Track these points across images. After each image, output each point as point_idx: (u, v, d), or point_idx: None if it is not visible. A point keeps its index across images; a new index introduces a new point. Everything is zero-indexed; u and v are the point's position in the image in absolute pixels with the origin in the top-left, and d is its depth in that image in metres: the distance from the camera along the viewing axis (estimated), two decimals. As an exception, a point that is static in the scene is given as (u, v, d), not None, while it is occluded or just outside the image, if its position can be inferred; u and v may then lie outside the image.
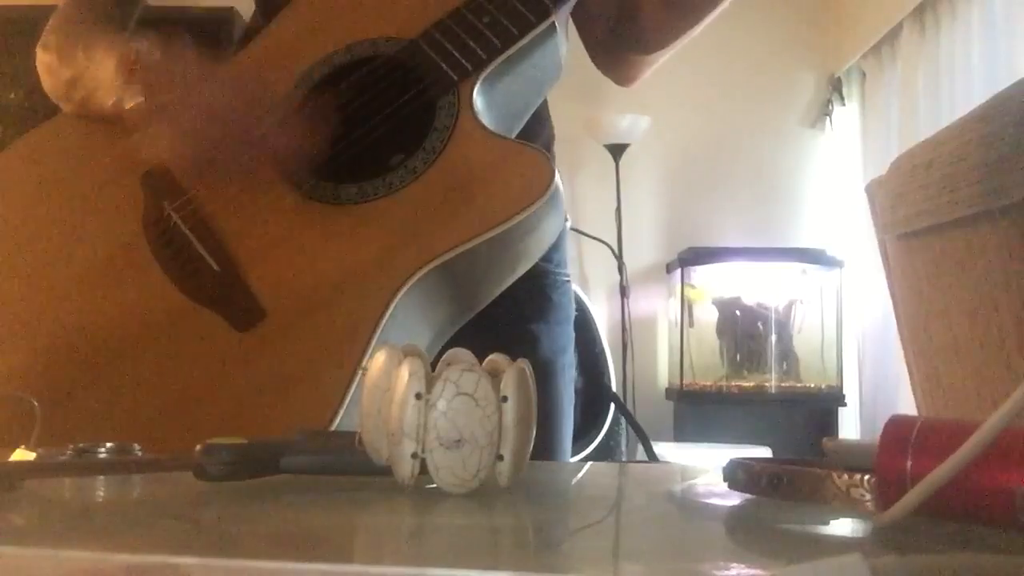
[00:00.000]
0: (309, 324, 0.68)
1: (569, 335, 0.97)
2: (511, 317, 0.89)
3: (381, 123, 0.76)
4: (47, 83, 0.84)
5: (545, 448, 0.90)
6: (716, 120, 3.53)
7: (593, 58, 0.98)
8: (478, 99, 0.74)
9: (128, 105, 0.75)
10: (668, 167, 3.61)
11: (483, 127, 0.73)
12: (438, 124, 0.73)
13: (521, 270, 0.76)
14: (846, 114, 3.46)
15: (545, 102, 0.95)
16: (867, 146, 3.26)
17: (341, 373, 0.64)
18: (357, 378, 0.63)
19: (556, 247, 0.95)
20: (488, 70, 0.74)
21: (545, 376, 0.92)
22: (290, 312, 0.69)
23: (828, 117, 3.54)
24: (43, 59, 0.85)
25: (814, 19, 3.57)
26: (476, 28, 0.75)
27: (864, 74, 3.35)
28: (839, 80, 3.51)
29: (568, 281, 0.98)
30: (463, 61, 0.74)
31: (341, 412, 0.63)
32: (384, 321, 0.65)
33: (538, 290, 0.93)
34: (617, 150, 3.35)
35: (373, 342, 0.65)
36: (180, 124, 0.73)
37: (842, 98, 3.48)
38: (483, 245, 0.68)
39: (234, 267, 0.71)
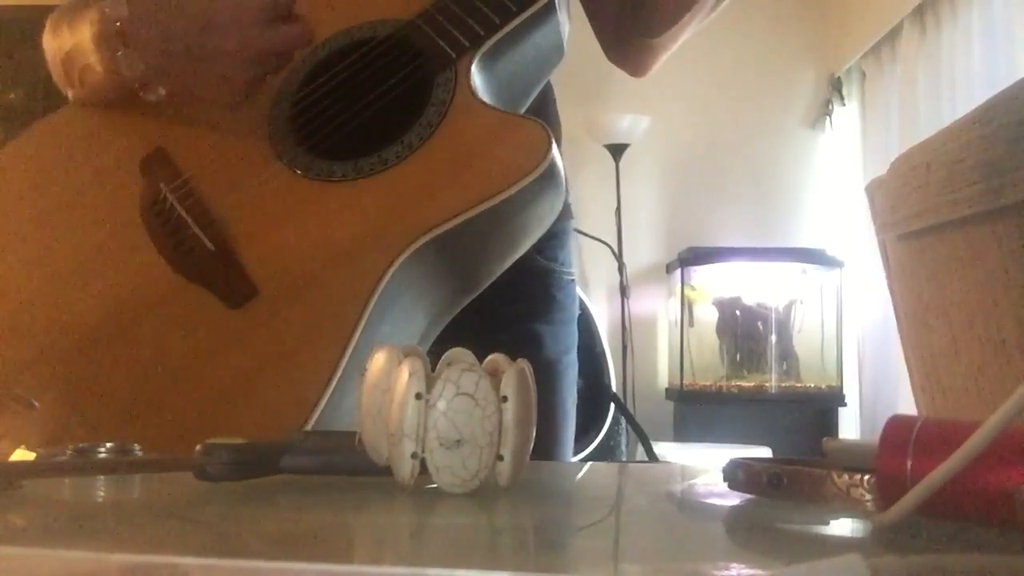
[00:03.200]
0: (300, 301, 0.68)
1: (573, 335, 0.96)
2: (515, 316, 0.89)
3: (377, 100, 0.75)
4: (51, 70, 0.84)
5: (547, 448, 0.90)
6: (716, 120, 3.53)
7: (605, 49, 0.97)
8: (476, 76, 0.73)
9: (125, 72, 0.73)
10: (668, 167, 3.61)
11: (480, 101, 0.72)
12: (435, 99, 0.72)
13: (521, 249, 0.75)
14: (846, 114, 3.46)
15: (554, 103, 0.95)
16: (867, 146, 3.27)
17: (330, 350, 0.63)
18: (347, 356, 0.63)
19: (561, 246, 0.95)
20: (486, 47, 0.74)
21: (549, 376, 0.91)
22: (282, 289, 0.68)
23: (828, 117, 3.55)
24: (44, 46, 0.84)
25: (814, 19, 3.57)
26: (473, 5, 0.75)
27: (864, 74, 3.35)
28: (839, 80, 3.51)
29: (573, 281, 0.97)
30: (460, 38, 0.74)
31: (329, 390, 0.62)
32: (375, 297, 0.64)
33: (543, 289, 0.93)
34: (617, 150, 3.35)
35: (364, 318, 0.64)
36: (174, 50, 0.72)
37: (842, 98, 3.48)
38: (479, 217, 0.66)
39: (228, 246, 0.71)
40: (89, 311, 0.72)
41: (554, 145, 0.67)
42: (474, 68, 0.73)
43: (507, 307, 0.79)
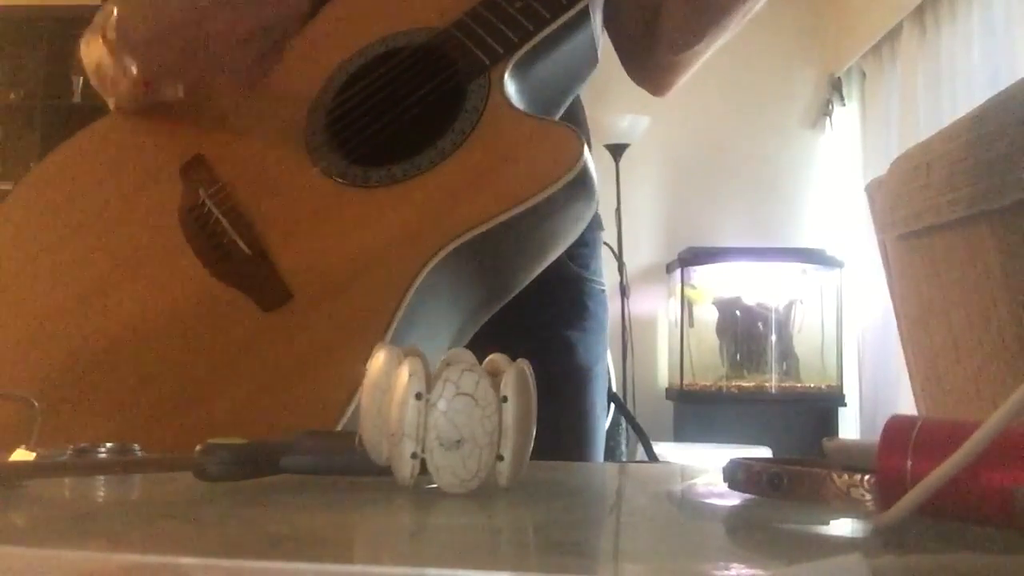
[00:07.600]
0: (333, 305, 0.69)
1: (604, 344, 0.97)
2: (548, 322, 0.89)
3: (411, 107, 0.77)
4: (92, 81, 0.85)
5: (580, 454, 0.90)
6: (716, 120, 3.53)
7: (626, 67, 0.99)
8: (510, 83, 0.74)
9: (128, 76, 0.74)
10: (668, 167, 3.61)
11: (513, 107, 0.73)
12: (468, 106, 0.73)
13: (551, 255, 0.75)
14: (846, 114, 3.47)
15: (581, 107, 0.96)
16: (867, 146, 3.27)
17: (362, 352, 0.64)
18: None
19: (593, 255, 0.96)
20: (520, 54, 0.75)
21: (582, 382, 0.92)
22: (315, 293, 0.70)
23: (828, 117, 3.55)
24: (82, 56, 0.85)
25: (814, 19, 3.57)
26: (508, 13, 0.76)
27: (864, 74, 3.35)
28: (839, 80, 3.51)
29: (603, 291, 0.98)
30: (495, 45, 0.75)
31: (359, 393, 0.63)
32: (406, 301, 0.65)
33: (575, 297, 0.94)
34: (617, 150, 3.35)
35: (395, 322, 0.65)
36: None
37: (842, 98, 3.48)
38: (509, 222, 0.67)
39: (263, 250, 0.72)
40: (127, 313, 0.73)
41: (586, 151, 0.68)
42: (507, 75, 0.74)
43: (540, 313, 0.79)
